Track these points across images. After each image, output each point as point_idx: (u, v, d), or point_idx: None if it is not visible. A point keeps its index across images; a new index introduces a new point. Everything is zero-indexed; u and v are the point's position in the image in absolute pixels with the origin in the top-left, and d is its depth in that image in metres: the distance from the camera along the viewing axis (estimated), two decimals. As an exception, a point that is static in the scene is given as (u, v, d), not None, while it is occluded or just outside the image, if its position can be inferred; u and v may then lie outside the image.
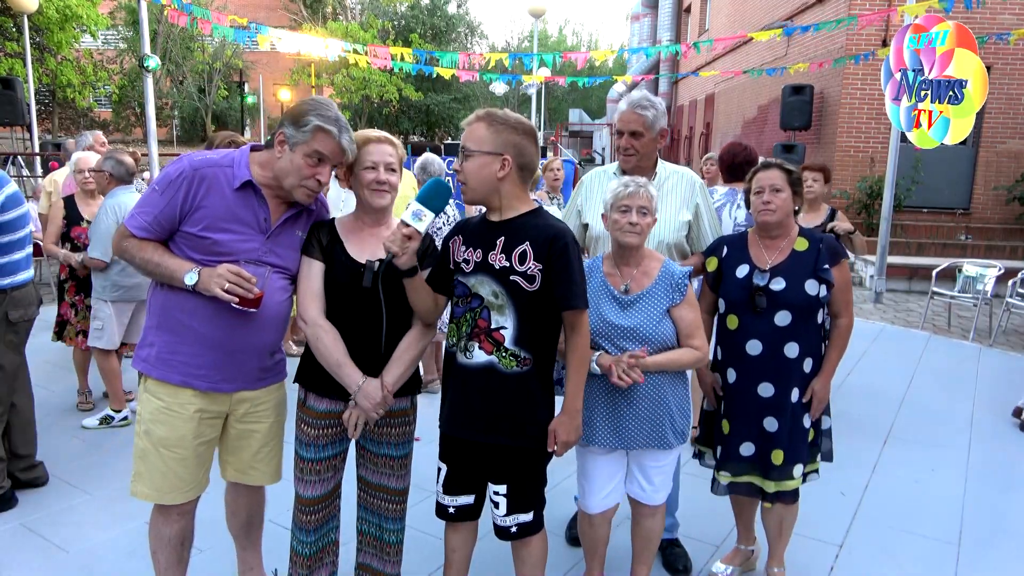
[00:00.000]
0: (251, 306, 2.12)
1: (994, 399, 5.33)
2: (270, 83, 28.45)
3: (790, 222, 2.67)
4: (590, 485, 2.56)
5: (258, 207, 2.19)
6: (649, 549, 2.66)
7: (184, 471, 2.25)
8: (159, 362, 2.20)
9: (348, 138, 2.17)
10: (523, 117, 2.22)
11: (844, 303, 2.68)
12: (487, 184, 2.15)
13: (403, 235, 2.07)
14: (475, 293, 2.18)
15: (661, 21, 24.43)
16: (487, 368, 2.16)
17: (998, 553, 3.25)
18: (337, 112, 2.18)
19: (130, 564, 2.92)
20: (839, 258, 2.64)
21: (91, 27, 20.24)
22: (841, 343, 2.70)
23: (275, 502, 3.08)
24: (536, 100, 19.41)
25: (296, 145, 2.13)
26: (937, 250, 10.29)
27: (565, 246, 2.11)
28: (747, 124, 15.91)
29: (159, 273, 2.15)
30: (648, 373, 2.36)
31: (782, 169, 2.64)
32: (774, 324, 2.59)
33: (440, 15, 32.22)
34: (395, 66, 12.23)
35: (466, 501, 2.33)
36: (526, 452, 2.22)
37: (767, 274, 2.61)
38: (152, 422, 2.22)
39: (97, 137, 6.35)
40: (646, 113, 2.72)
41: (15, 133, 12.86)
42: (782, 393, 2.61)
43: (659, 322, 2.41)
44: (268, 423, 2.40)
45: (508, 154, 2.13)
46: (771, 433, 2.63)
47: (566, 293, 2.11)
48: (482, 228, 2.22)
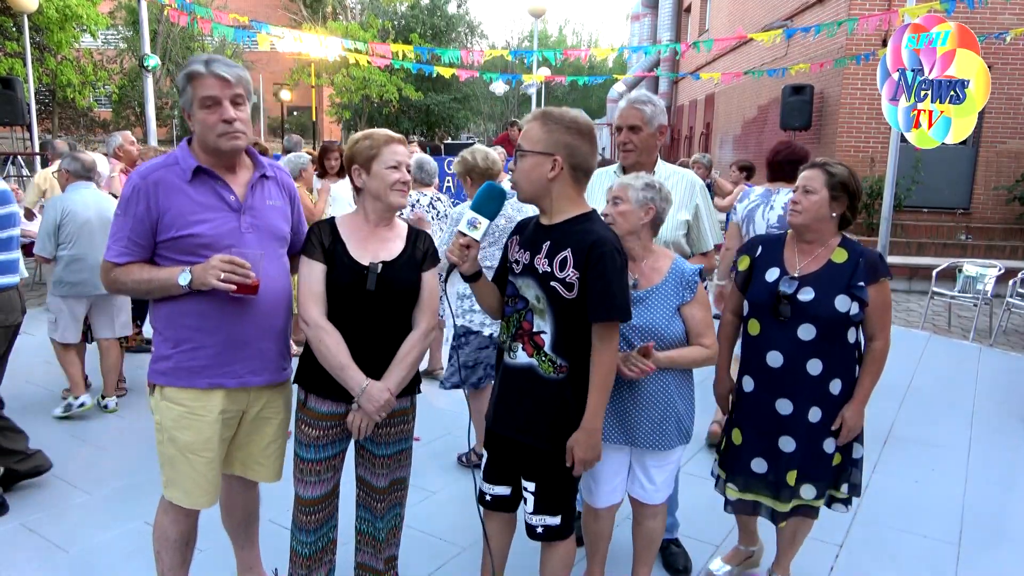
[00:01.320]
0: (249, 292, 2.11)
1: (994, 399, 5.34)
2: (270, 83, 28.42)
3: (824, 227, 2.50)
4: (597, 480, 2.55)
5: (219, 188, 2.18)
6: (650, 550, 2.66)
7: (212, 473, 2.26)
8: (180, 372, 2.19)
9: (220, 65, 2.08)
10: (580, 115, 2.14)
11: (880, 325, 2.48)
12: (538, 185, 2.11)
13: (461, 245, 2.10)
14: (521, 295, 2.19)
15: (661, 21, 24.42)
16: (528, 370, 2.17)
17: (998, 553, 3.25)
18: (209, 55, 2.13)
19: (130, 564, 2.92)
20: (879, 275, 2.45)
21: (91, 27, 20.21)
22: (875, 368, 2.51)
23: (275, 502, 3.08)
24: (536, 100, 19.40)
25: (190, 105, 2.12)
26: (937, 250, 10.28)
27: (602, 255, 2.04)
28: (747, 124, 15.90)
29: (154, 288, 2.14)
30: (655, 372, 2.35)
31: (823, 170, 2.50)
32: (797, 337, 2.45)
33: (440, 15, 32.18)
34: (396, 64, 12.23)
35: (502, 492, 2.38)
36: (557, 457, 2.18)
37: (796, 282, 2.47)
38: (175, 429, 2.21)
39: (126, 137, 6.46)
40: (644, 108, 2.75)
41: (15, 133, 12.86)
42: (800, 412, 2.48)
43: (669, 320, 2.39)
44: (279, 419, 2.41)
45: (559, 154, 2.08)
46: (787, 454, 2.51)
47: (597, 303, 2.05)
48: (534, 230, 2.21)
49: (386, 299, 2.25)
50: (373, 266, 2.23)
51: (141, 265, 2.15)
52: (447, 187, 13.11)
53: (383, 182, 2.25)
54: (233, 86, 2.10)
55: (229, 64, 2.11)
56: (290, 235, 2.36)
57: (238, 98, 2.12)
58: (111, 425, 4.40)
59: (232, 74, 2.09)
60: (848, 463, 2.61)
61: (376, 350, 2.27)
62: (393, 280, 2.25)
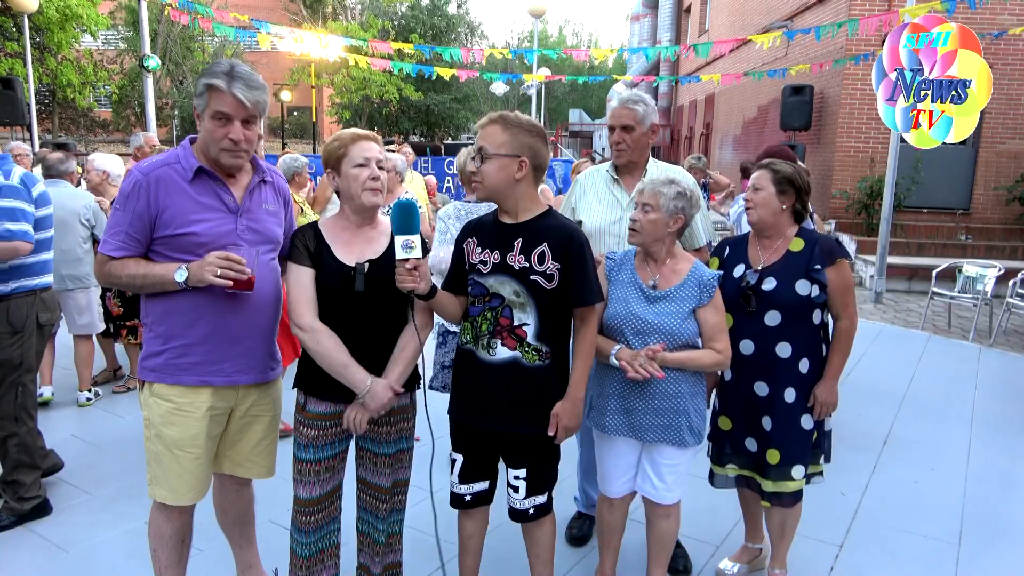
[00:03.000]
0: (245, 287, 2.12)
1: (994, 399, 5.34)
2: (270, 83, 28.39)
3: (779, 221, 2.65)
4: (608, 469, 2.64)
5: (219, 190, 2.20)
6: (665, 551, 2.68)
7: (199, 470, 2.27)
8: (170, 368, 2.21)
9: (241, 86, 2.08)
10: (534, 119, 2.29)
11: (843, 305, 2.65)
12: (504, 185, 2.21)
13: (408, 270, 2.11)
14: (495, 293, 2.25)
15: (661, 21, 24.44)
16: (511, 363, 2.25)
17: (998, 553, 3.25)
18: (232, 65, 2.11)
19: (130, 564, 2.92)
20: (835, 258, 2.61)
21: (91, 27, 20.23)
22: (842, 346, 2.67)
23: (275, 502, 3.09)
24: (536, 100, 19.40)
25: (203, 110, 2.13)
26: (937, 250, 10.28)
27: (580, 246, 2.23)
28: (747, 124, 15.91)
29: (149, 283, 2.15)
30: (667, 369, 2.40)
31: (768, 169, 2.66)
32: (764, 324, 2.61)
33: (440, 15, 32.18)
34: (395, 66, 12.23)
35: (481, 487, 2.42)
36: (546, 438, 2.29)
37: (758, 274, 2.63)
38: (163, 425, 2.22)
39: (149, 139, 6.55)
40: (637, 108, 2.84)
41: (15, 133, 12.86)
42: (776, 392, 2.63)
43: (684, 320, 2.45)
44: (268, 416, 2.43)
45: (525, 156, 2.20)
46: (767, 432, 2.66)
47: (582, 290, 2.23)
48: (498, 230, 2.28)
49: (376, 298, 2.26)
50: (359, 266, 2.24)
51: (137, 260, 2.16)
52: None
53: (353, 181, 2.25)
54: (248, 110, 2.12)
55: (251, 84, 2.11)
56: (282, 239, 2.40)
57: (251, 119, 2.15)
58: (111, 425, 4.40)
59: (250, 99, 2.10)
60: (822, 437, 2.76)
61: (372, 349, 2.28)
62: (381, 278, 2.24)
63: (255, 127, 2.18)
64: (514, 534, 2.49)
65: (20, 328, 3.18)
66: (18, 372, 3.19)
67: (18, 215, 3.10)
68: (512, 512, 2.42)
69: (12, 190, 3.12)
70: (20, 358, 3.18)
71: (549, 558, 2.49)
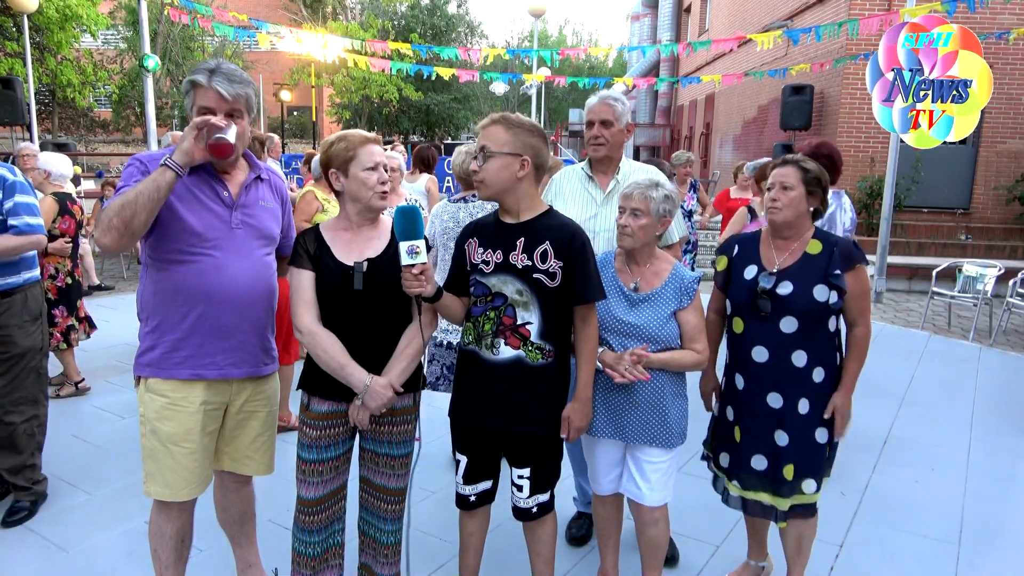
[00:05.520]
0: (224, 151, 2.10)
1: (994, 399, 5.34)
2: (270, 83, 28.41)
3: (802, 223, 2.54)
4: (597, 468, 2.65)
5: (215, 184, 2.22)
6: (656, 556, 2.67)
7: (194, 465, 2.27)
8: (164, 362, 2.23)
9: (222, 80, 2.11)
10: (534, 121, 2.33)
11: (859, 311, 2.53)
12: (506, 184, 2.23)
13: (414, 275, 2.12)
14: (497, 292, 2.26)
15: (661, 21, 24.42)
16: (515, 362, 2.26)
17: (998, 553, 3.25)
18: (217, 63, 2.15)
19: (130, 564, 2.92)
20: (854, 263, 2.48)
21: (91, 27, 20.20)
22: (858, 354, 2.55)
23: (275, 502, 3.09)
24: (536, 100, 19.39)
25: (191, 109, 2.16)
26: (937, 250, 10.29)
27: (583, 244, 2.25)
28: (747, 124, 15.91)
29: (143, 200, 2.00)
30: (651, 371, 2.41)
31: (798, 167, 2.52)
32: (780, 331, 2.48)
33: (440, 15, 32.18)
34: (394, 67, 12.22)
35: (485, 487, 2.45)
36: (551, 436, 2.33)
37: (774, 277, 2.50)
38: (157, 420, 2.24)
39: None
40: (615, 105, 2.91)
41: (15, 133, 12.85)
42: (791, 404, 2.51)
43: (665, 323, 2.45)
44: (265, 412, 2.44)
45: (527, 155, 2.22)
46: (782, 447, 2.53)
47: (585, 287, 2.24)
48: (499, 230, 2.29)
49: (375, 296, 2.26)
50: (358, 265, 2.25)
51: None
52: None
53: (362, 184, 2.27)
54: (230, 103, 2.14)
55: (232, 79, 2.14)
56: (279, 237, 2.42)
57: (234, 112, 2.16)
58: (111, 425, 4.40)
59: (231, 92, 2.13)
60: (833, 450, 2.67)
61: (373, 348, 2.28)
62: (380, 277, 2.25)
63: (242, 120, 2.19)
64: (514, 533, 2.48)
65: (38, 315, 3.33)
66: (39, 357, 3.34)
67: (35, 210, 3.22)
68: (516, 511, 2.44)
69: (26, 186, 3.22)
70: (40, 343, 3.34)
71: (550, 556, 2.51)
